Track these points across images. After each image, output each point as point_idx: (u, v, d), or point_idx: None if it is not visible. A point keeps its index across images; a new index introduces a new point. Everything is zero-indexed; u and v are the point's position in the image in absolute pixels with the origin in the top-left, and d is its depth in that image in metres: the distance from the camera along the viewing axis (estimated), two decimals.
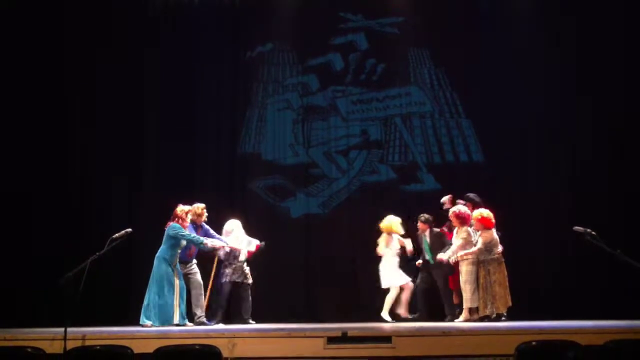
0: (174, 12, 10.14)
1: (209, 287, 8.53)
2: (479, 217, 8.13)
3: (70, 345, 5.45)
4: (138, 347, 5.29)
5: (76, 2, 9.90)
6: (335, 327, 6.92)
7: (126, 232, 7.62)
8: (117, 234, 7.80)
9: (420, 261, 8.87)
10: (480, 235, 8.12)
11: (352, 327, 7.07)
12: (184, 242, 8.13)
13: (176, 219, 8.14)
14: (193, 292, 8.26)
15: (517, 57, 9.85)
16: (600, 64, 9.69)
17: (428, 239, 8.82)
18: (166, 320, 7.83)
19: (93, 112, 9.82)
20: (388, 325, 8.20)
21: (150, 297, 7.92)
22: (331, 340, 5.98)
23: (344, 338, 6.05)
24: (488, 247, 8.05)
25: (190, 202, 8.48)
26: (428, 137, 10.12)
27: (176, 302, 7.94)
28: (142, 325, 7.80)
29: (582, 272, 9.16)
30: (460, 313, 8.24)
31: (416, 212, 9.12)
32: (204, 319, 8.24)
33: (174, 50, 10.03)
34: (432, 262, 8.69)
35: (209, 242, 8.23)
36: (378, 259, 8.98)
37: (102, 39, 9.83)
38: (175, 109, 9.97)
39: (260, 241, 8.77)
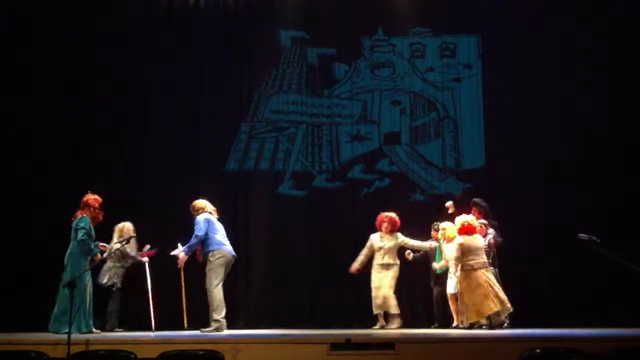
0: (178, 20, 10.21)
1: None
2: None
3: (74, 349, 5.47)
4: (142, 352, 5.31)
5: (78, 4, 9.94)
6: (339, 333, 6.91)
7: (129, 237, 7.66)
8: (120, 240, 7.82)
9: None
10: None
11: (355, 333, 7.06)
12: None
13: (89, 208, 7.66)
14: None
15: (517, 59, 9.92)
16: (601, 64, 9.73)
17: None
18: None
19: (93, 113, 9.80)
20: (392, 332, 8.19)
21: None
22: (335, 346, 5.98)
23: (347, 345, 6.04)
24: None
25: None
26: (431, 143, 10.13)
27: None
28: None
29: (584, 279, 9.13)
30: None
31: (421, 218, 9.17)
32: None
33: (174, 53, 10.06)
34: None
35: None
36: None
37: (101, 40, 9.85)
38: (177, 114, 10.00)
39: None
